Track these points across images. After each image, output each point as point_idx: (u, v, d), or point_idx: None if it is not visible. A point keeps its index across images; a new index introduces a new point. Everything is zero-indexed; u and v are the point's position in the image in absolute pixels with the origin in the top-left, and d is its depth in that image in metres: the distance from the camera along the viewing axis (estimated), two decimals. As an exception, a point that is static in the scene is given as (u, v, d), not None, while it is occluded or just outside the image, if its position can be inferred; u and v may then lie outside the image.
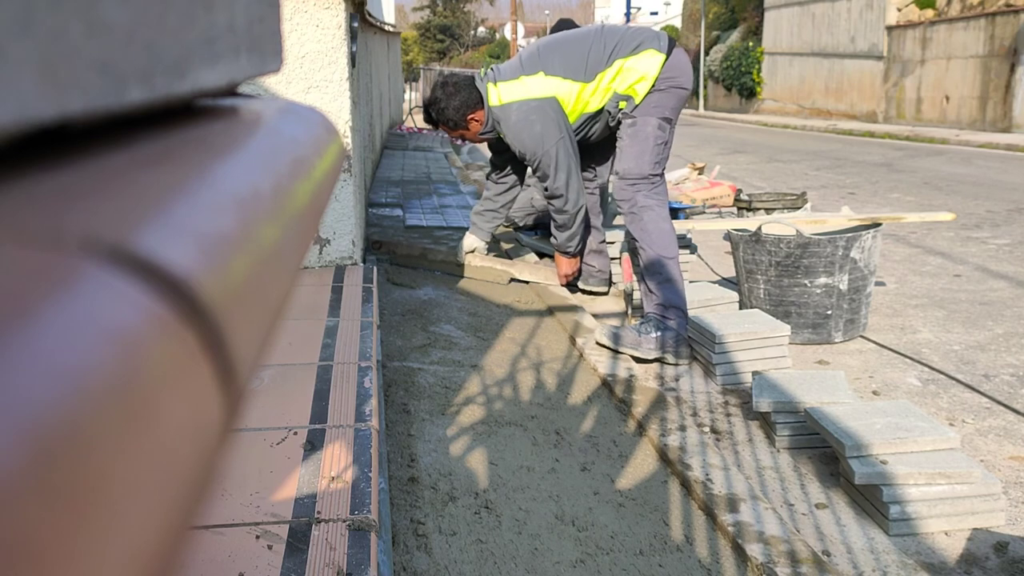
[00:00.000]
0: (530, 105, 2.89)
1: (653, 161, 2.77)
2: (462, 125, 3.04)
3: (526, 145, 2.93)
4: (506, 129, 2.97)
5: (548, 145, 2.90)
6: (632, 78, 2.79)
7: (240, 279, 0.26)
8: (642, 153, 2.78)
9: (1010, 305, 3.32)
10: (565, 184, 2.97)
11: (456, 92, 2.99)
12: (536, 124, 2.89)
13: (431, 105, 3.05)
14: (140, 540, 0.18)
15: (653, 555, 1.50)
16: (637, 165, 2.77)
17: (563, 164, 2.93)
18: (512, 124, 2.93)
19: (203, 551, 1.19)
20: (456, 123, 3.03)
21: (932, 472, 1.67)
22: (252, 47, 0.43)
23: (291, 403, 1.74)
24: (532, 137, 2.91)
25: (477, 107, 3.00)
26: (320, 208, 0.42)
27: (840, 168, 8.37)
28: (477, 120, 3.02)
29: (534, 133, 2.90)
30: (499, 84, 2.95)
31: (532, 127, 2.90)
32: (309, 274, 2.93)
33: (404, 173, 7.21)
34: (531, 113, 2.89)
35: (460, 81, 3.03)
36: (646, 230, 2.74)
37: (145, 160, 0.30)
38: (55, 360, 0.17)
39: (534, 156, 2.94)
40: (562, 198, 3.01)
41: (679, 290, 2.71)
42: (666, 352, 2.62)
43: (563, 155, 2.92)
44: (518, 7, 25.70)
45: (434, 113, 3.05)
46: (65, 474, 0.16)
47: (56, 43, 0.22)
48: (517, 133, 2.93)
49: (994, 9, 12.63)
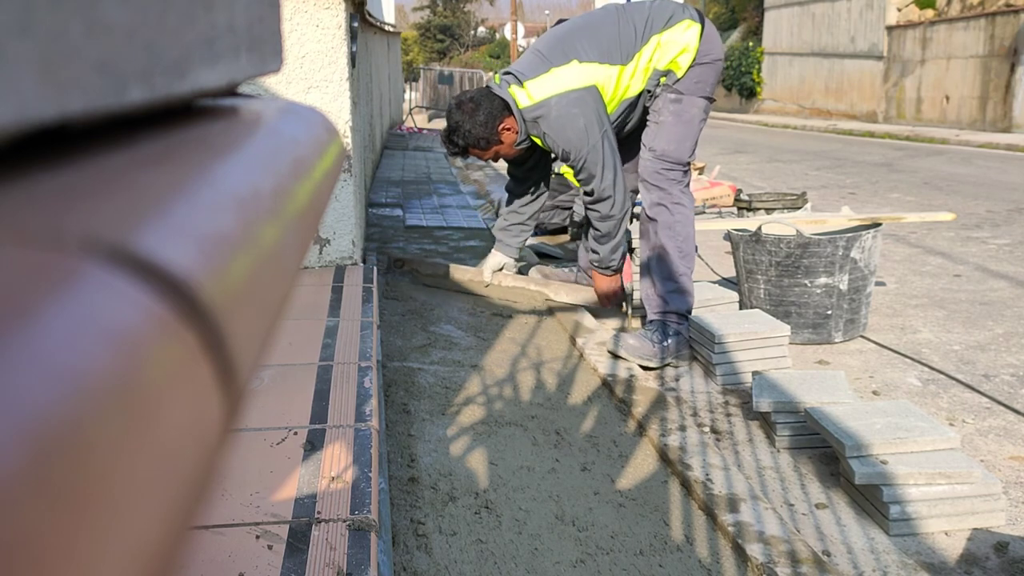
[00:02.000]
0: (570, 97, 2.59)
1: (692, 147, 2.60)
2: (494, 140, 2.69)
3: (571, 142, 2.62)
4: (546, 128, 2.64)
5: (593, 139, 2.61)
6: (673, 51, 2.57)
7: (240, 279, 0.26)
8: (685, 137, 2.58)
9: (1010, 305, 3.33)
10: (612, 183, 2.66)
11: (477, 107, 2.67)
12: (579, 118, 2.59)
13: (453, 132, 2.72)
14: (140, 540, 0.18)
15: (653, 555, 1.50)
16: (678, 149, 2.57)
17: (609, 160, 2.64)
18: (553, 121, 2.62)
19: (203, 551, 1.19)
20: (488, 140, 2.68)
21: (932, 472, 1.67)
22: (252, 47, 0.43)
23: (291, 403, 1.74)
24: (576, 133, 2.60)
25: (505, 113, 2.67)
26: (320, 208, 0.42)
27: (840, 168, 8.37)
28: (509, 128, 2.69)
29: (578, 128, 2.60)
30: (526, 84, 2.65)
31: (575, 121, 2.60)
32: (309, 274, 2.93)
33: (404, 173, 7.21)
34: (572, 106, 2.59)
35: (476, 95, 2.72)
36: (674, 229, 2.56)
37: (145, 160, 0.30)
38: (55, 360, 0.17)
39: (579, 154, 2.63)
40: (609, 200, 2.68)
41: (688, 301, 2.60)
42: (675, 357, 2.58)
43: (609, 150, 2.64)
44: (518, 7, 25.70)
45: (459, 139, 2.71)
46: (65, 474, 0.16)
47: (56, 43, 0.22)
48: (560, 130, 2.62)
49: (994, 9, 12.64)
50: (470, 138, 2.68)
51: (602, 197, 2.68)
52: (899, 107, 14.62)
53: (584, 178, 2.68)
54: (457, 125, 2.69)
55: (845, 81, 16.23)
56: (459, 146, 2.74)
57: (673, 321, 2.58)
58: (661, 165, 2.57)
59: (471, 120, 2.66)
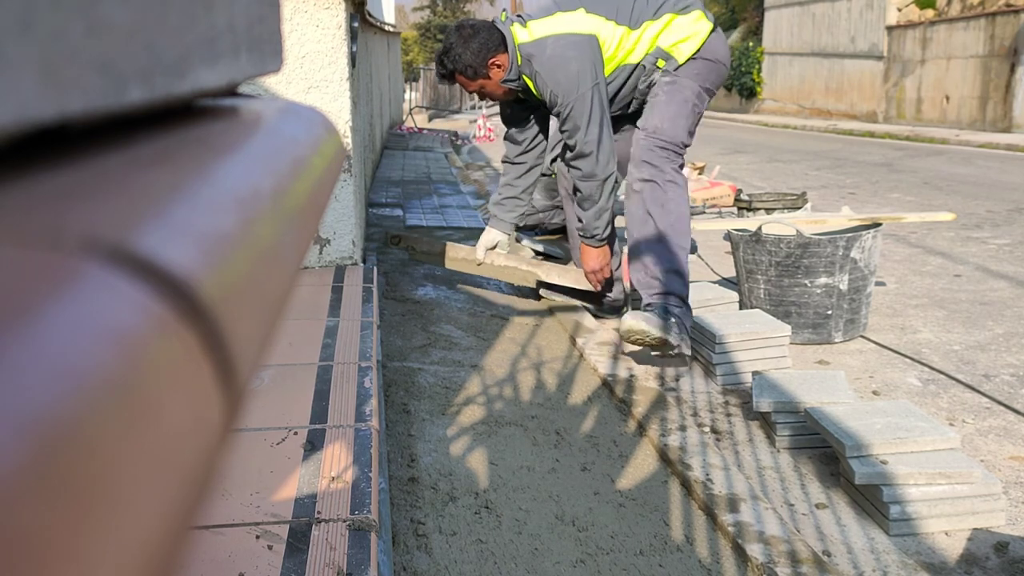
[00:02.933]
0: (569, 39, 2.55)
1: (687, 128, 2.52)
2: (482, 72, 2.63)
3: (560, 84, 2.55)
4: (538, 67, 2.58)
5: (584, 88, 2.54)
6: (680, 35, 2.55)
7: (240, 279, 0.26)
8: (678, 115, 2.52)
9: (1010, 305, 3.32)
10: (597, 139, 2.57)
11: (474, 34, 2.61)
12: (572, 62, 2.53)
13: (445, 53, 2.66)
14: (140, 540, 0.18)
15: (653, 555, 1.50)
16: (672, 126, 2.50)
17: (596, 114, 2.56)
18: (546, 60, 2.56)
19: (203, 551, 1.19)
20: (476, 70, 2.62)
21: (932, 472, 1.67)
22: (252, 47, 0.43)
23: (291, 403, 1.74)
24: (568, 76, 2.54)
25: (499, 49, 2.62)
26: (320, 208, 0.42)
27: (840, 168, 8.37)
28: (499, 65, 2.64)
29: (570, 72, 2.54)
30: (529, 23, 2.62)
31: (568, 64, 2.54)
32: (309, 274, 2.93)
33: (404, 173, 7.21)
34: (569, 48, 2.54)
35: (477, 24, 2.67)
36: (667, 208, 2.46)
37: (145, 160, 0.30)
38: (55, 360, 0.17)
39: (566, 100, 2.55)
40: (591, 157, 2.59)
41: (686, 282, 2.49)
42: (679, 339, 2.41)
43: (597, 104, 2.56)
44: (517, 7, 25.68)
45: (449, 61, 2.65)
46: (65, 474, 0.16)
47: (56, 43, 0.22)
48: (551, 71, 2.56)
49: (994, 9, 12.64)
50: (459, 63, 2.63)
51: (584, 152, 2.60)
52: (899, 107, 14.62)
53: (569, 128, 2.60)
54: (450, 47, 2.65)
55: (845, 81, 16.23)
56: (447, 69, 2.69)
57: (674, 304, 2.45)
58: (654, 142, 2.50)
59: (464, 45, 2.62)
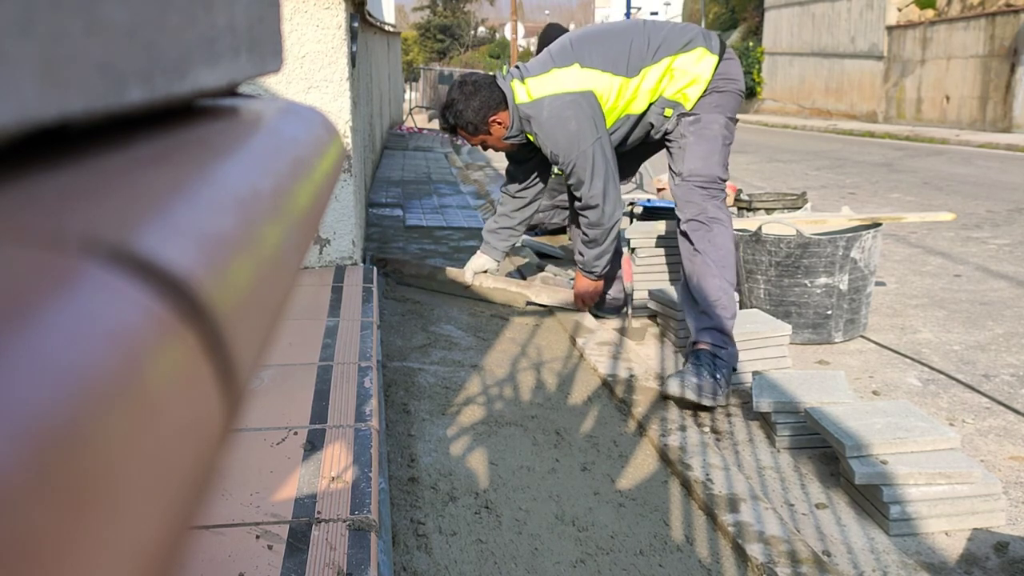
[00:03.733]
0: (564, 100, 2.55)
1: (722, 163, 2.48)
2: (483, 129, 2.69)
3: (560, 146, 2.59)
4: (537, 128, 2.62)
5: (584, 145, 2.56)
6: (683, 81, 2.50)
7: (240, 279, 0.26)
8: (711, 153, 2.46)
9: (1010, 305, 3.32)
10: (602, 193, 2.61)
11: (476, 92, 2.65)
12: (571, 121, 2.55)
13: (448, 108, 2.70)
14: (140, 540, 0.18)
15: (653, 555, 1.50)
16: (706, 165, 2.45)
17: (600, 169, 2.59)
18: (544, 121, 2.59)
19: (203, 551, 1.19)
20: (476, 126, 2.68)
21: (932, 472, 1.67)
22: (252, 47, 0.43)
23: (291, 403, 1.74)
24: (567, 136, 2.56)
25: (500, 107, 2.66)
26: (320, 208, 0.42)
27: (840, 168, 8.37)
28: (500, 122, 2.68)
29: (569, 131, 2.56)
30: (527, 80, 2.62)
31: (567, 124, 2.55)
32: (309, 274, 2.93)
33: (404, 173, 7.21)
34: (565, 108, 2.55)
35: (479, 80, 2.71)
36: (714, 244, 2.40)
37: (145, 160, 0.30)
38: (55, 360, 0.17)
39: (568, 159, 2.59)
40: (597, 209, 2.64)
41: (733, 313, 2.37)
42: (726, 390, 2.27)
43: (600, 158, 2.58)
44: (518, 7, 25.71)
45: (451, 116, 2.70)
46: (66, 474, 0.16)
47: (56, 43, 0.22)
48: (550, 132, 2.59)
49: (994, 9, 12.64)
50: (460, 119, 2.68)
51: (589, 205, 2.65)
52: (899, 107, 14.62)
53: (573, 183, 2.65)
54: (452, 102, 2.68)
55: (845, 81, 16.23)
56: (449, 123, 2.73)
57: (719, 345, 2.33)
58: (693, 185, 2.45)
59: (466, 102, 2.65)
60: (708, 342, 2.31)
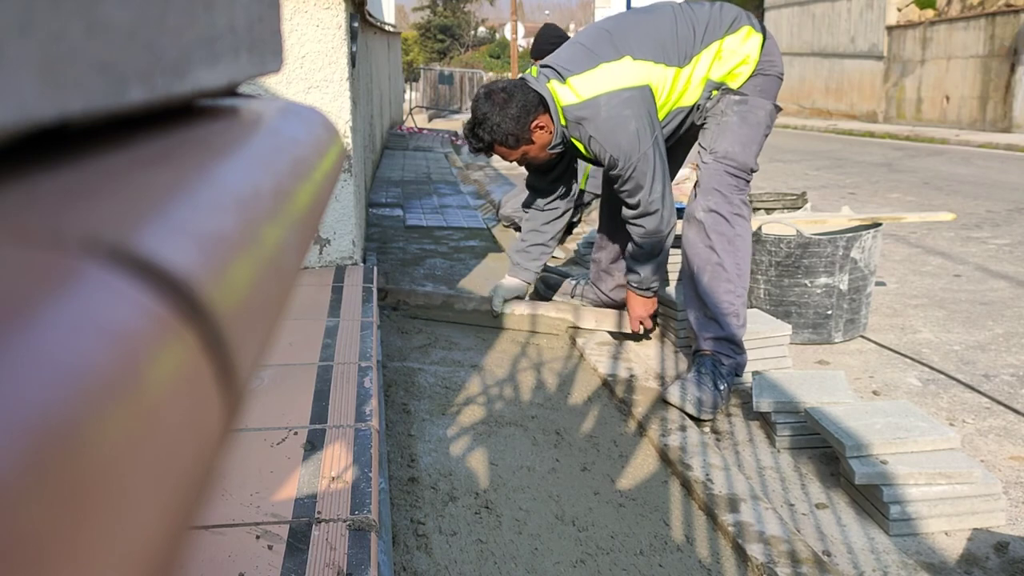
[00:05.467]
0: (622, 96, 2.28)
1: (756, 154, 2.30)
2: (525, 138, 2.37)
3: (621, 148, 2.30)
4: (593, 130, 2.32)
5: (645, 146, 2.30)
6: (732, 62, 2.30)
7: (240, 279, 0.26)
8: (751, 140, 2.28)
9: (1010, 305, 3.33)
10: (661, 196, 2.36)
11: (509, 99, 2.34)
12: (631, 120, 2.28)
13: (479, 125, 2.38)
14: (140, 540, 0.18)
15: (653, 555, 1.50)
16: (744, 152, 2.27)
17: (659, 171, 2.35)
18: (602, 123, 2.30)
19: (203, 551, 1.19)
20: (518, 137, 2.36)
21: (932, 472, 1.67)
22: (252, 47, 0.43)
23: (291, 403, 1.74)
24: (628, 138, 2.29)
25: (539, 109, 2.35)
26: (320, 208, 0.42)
27: (840, 168, 8.37)
28: (542, 127, 2.37)
29: (629, 132, 2.28)
30: (571, 80, 2.33)
31: (627, 124, 2.28)
32: (309, 274, 2.93)
33: (404, 173, 7.21)
34: (624, 107, 2.28)
35: (507, 86, 2.39)
36: (734, 244, 2.24)
37: (145, 160, 0.30)
38: (55, 360, 0.17)
39: (628, 163, 2.32)
40: (656, 215, 2.38)
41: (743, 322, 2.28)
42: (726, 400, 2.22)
43: (658, 159, 2.34)
44: (518, 7, 25.70)
45: (485, 132, 2.37)
46: (65, 474, 0.16)
47: (56, 43, 0.22)
48: (609, 134, 2.30)
49: (994, 9, 12.64)
50: (497, 133, 2.35)
51: (649, 211, 2.38)
52: (899, 107, 14.62)
53: (630, 189, 2.37)
54: (484, 117, 2.36)
55: (845, 81, 16.23)
56: (484, 142, 2.39)
57: (726, 355, 2.25)
58: (724, 168, 2.26)
59: (501, 113, 2.33)
60: (715, 351, 2.24)
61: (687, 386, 2.16)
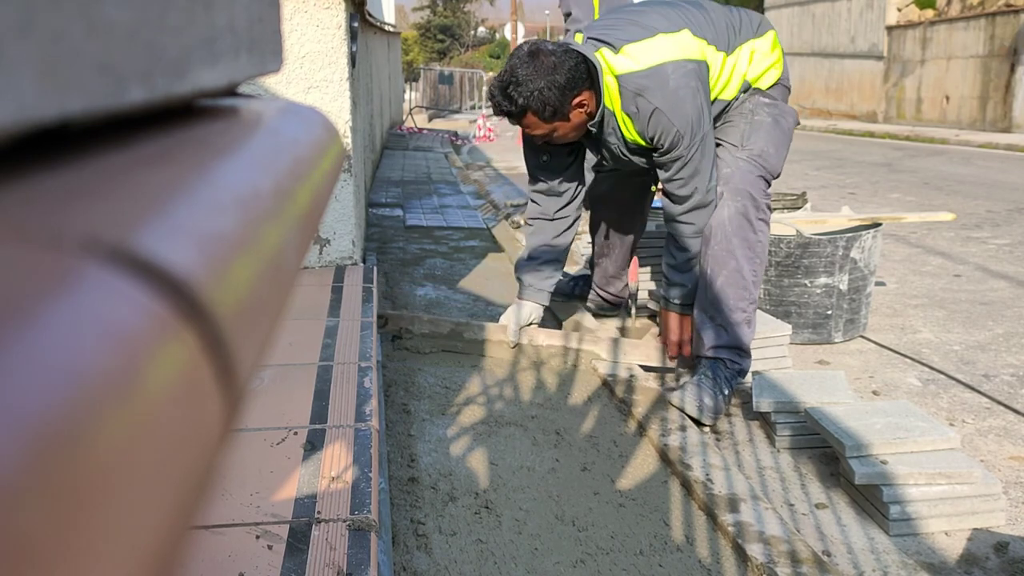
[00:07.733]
0: (687, 67, 2.05)
1: (784, 161, 2.20)
2: (563, 113, 2.06)
3: (690, 121, 2.05)
4: (658, 100, 2.04)
5: (707, 125, 2.09)
6: (763, 65, 2.20)
7: (240, 279, 0.26)
8: (782, 144, 2.18)
9: (1010, 305, 3.32)
10: (713, 188, 2.16)
11: (558, 65, 2.01)
12: (699, 93, 2.05)
13: (515, 85, 2.02)
14: (140, 540, 0.18)
15: (653, 555, 1.50)
16: (776, 155, 2.16)
17: (711, 156, 2.13)
18: (669, 93, 2.03)
19: (203, 551, 1.19)
20: (556, 110, 2.04)
21: (932, 472, 1.67)
22: (252, 47, 0.43)
23: (291, 403, 1.74)
24: (695, 110, 2.05)
25: (585, 84, 2.06)
26: (320, 208, 0.42)
27: (840, 168, 8.37)
28: (584, 105, 2.08)
29: (697, 106, 2.06)
30: (626, 48, 2.06)
31: (695, 97, 2.05)
32: (309, 274, 2.93)
33: (404, 173, 7.21)
34: (691, 77, 2.04)
35: (558, 50, 2.05)
36: (754, 249, 2.12)
37: (145, 160, 0.30)
38: (55, 360, 0.17)
39: (694, 140, 2.07)
40: (710, 208, 2.15)
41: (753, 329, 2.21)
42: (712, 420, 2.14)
43: (713, 144, 2.15)
44: (518, 7, 25.71)
45: (520, 95, 2.02)
46: (65, 474, 0.16)
47: (56, 43, 0.22)
48: (675, 106, 2.04)
49: (994, 9, 12.64)
50: (536, 100, 2.02)
51: (703, 203, 2.14)
52: (899, 107, 14.62)
53: (686, 176, 2.11)
54: (523, 79, 2.01)
55: (845, 81, 16.23)
56: (517, 105, 2.04)
57: (732, 360, 2.18)
58: (757, 169, 2.12)
59: (547, 78, 2.01)
60: (722, 356, 2.19)
61: (692, 390, 2.14)
